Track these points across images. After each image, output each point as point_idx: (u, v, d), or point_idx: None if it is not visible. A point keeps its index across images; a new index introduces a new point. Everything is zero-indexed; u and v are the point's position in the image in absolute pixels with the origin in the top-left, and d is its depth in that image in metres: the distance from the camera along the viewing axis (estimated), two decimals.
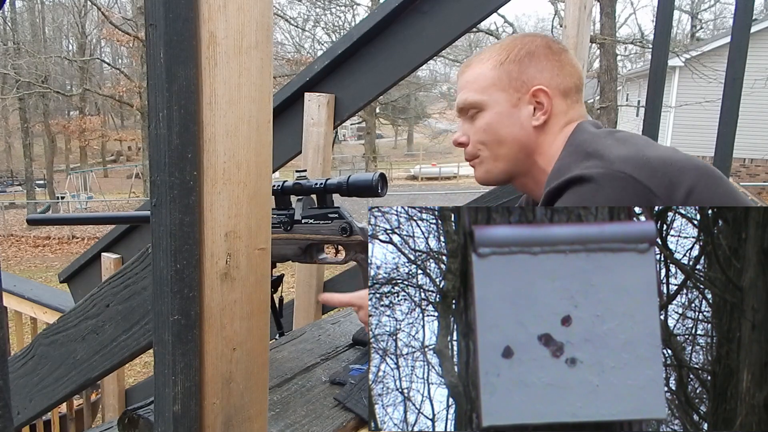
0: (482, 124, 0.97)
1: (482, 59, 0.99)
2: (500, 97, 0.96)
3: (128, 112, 29.81)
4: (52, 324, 1.13)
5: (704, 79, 10.91)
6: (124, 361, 0.99)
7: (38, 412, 1.18)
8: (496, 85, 0.96)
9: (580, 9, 1.85)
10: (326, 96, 2.19)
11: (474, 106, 0.97)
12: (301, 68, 5.10)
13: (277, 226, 1.05)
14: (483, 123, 0.97)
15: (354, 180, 0.97)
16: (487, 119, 0.96)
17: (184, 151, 0.45)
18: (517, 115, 0.95)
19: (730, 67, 1.76)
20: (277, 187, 1.04)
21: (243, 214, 0.49)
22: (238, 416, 0.52)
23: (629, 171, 0.76)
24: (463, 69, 1.03)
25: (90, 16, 24.38)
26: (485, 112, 0.96)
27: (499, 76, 0.96)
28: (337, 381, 0.90)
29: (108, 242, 2.84)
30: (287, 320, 2.38)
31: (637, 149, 0.81)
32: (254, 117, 0.48)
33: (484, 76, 0.97)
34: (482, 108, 0.96)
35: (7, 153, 28.09)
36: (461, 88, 1.00)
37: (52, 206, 18.12)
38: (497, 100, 0.96)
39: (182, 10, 0.44)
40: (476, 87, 0.98)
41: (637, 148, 0.81)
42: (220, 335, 0.49)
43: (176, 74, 0.44)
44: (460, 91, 1.00)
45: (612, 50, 11.52)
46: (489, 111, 0.96)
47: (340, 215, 1.01)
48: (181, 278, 0.46)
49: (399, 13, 2.02)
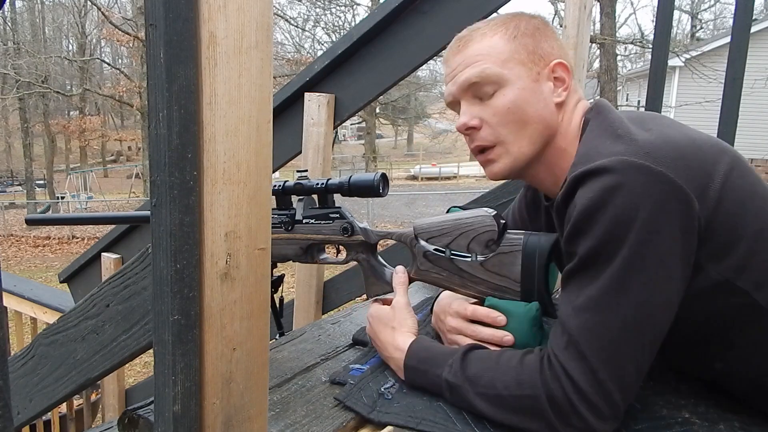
0: (505, 102, 0.85)
1: (485, 33, 0.88)
2: (521, 71, 0.85)
3: (128, 112, 29.82)
4: (52, 324, 1.13)
5: (704, 79, 10.91)
6: (124, 361, 0.99)
7: (38, 412, 1.18)
8: (515, 58, 0.85)
9: (580, 9, 1.84)
10: (326, 96, 2.19)
11: (493, 80, 0.85)
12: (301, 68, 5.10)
13: (278, 225, 1.05)
14: (506, 101, 0.85)
15: (356, 180, 0.97)
16: (510, 96, 0.85)
17: (184, 151, 0.45)
18: (540, 90, 0.86)
19: (730, 67, 1.76)
20: (278, 187, 1.04)
21: (243, 214, 0.49)
22: (238, 416, 0.52)
23: (661, 166, 0.69)
24: (461, 45, 0.90)
25: (90, 16, 24.39)
26: (507, 89, 0.85)
27: (516, 48, 0.86)
28: (337, 381, 0.89)
29: (108, 242, 2.84)
30: (287, 320, 2.38)
31: (665, 134, 0.74)
32: (254, 117, 0.48)
33: (499, 48, 0.86)
34: (503, 83, 0.85)
35: (7, 153, 28.08)
36: (468, 63, 0.87)
37: (52, 206, 18.12)
38: (519, 75, 0.85)
39: (182, 10, 0.44)
40: (493, 59, 0.86)
41: (664, 132, 0.75)
42: (220, 335, 0.49)
43: (176, 74, 0.44)
44: (467, 67, 0.87)
45: (612, 50, 11.53)
46: (512, 87, 0.85)
47: (342, 215, 1.01)
48: (181, 278, 0.46)
49: (399, 13, 2.02)
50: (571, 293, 0.74)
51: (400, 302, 0.94)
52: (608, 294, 0.70)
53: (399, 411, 0.79)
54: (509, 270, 0.88)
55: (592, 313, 0.71)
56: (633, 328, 0.71)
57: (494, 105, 0.86)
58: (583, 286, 0.73)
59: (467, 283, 0.92)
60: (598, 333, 0.71)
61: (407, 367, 0.86)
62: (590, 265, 0.72)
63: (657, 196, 0.68)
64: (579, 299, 0.73)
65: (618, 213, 0.68)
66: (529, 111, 0.85)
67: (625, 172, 0.69)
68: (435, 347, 0.86)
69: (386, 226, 12.01)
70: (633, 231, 0.68)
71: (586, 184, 0.72)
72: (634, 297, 0.70)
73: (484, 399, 0.76)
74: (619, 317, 0.70)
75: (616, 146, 0.73)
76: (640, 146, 0.71)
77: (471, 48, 0.87)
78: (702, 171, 0.71)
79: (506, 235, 0.89)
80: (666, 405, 0.81)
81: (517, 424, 0.74)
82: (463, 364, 0.80)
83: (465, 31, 0.91)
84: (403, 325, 0.91)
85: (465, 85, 0.87)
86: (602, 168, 0.70)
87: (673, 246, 0.70)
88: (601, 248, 0.70)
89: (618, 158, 0.70)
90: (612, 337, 0.70)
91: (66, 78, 27.08)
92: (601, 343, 0.70)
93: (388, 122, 27.65)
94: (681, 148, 0.72)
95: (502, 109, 0.85)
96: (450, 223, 0.91)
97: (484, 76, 0.85)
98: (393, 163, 27.77)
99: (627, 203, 0.68)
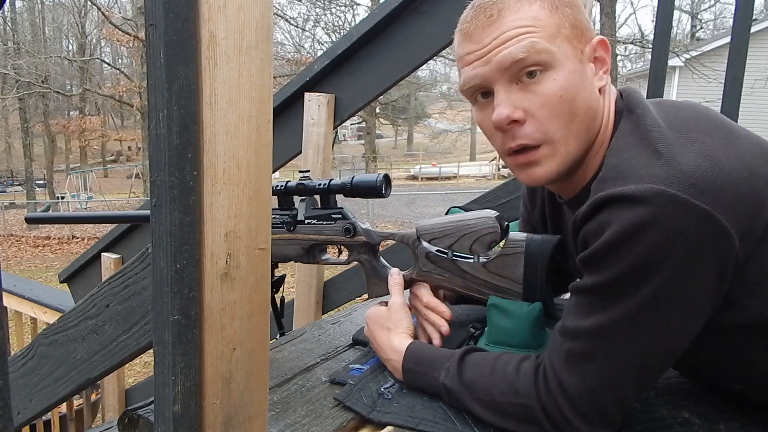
0: (556, 89, 0.69)
1: (522, 1, 0.70)
2: (568, 49, 0.70)
3: (128, 112, 29.83)
4: (52, 324, 1.13)
5: (704, 79, 10.91)
6: (124, 361, 0.99)
7: (38, 412, 1.18)
8: (561, 33, 0.69)
9: None
10: (326, 96, 2.19)
11: (543, 59, 0.68)
12: (301, 68, 5.11)
13: (279, 226, 1.04)
14: (557, 87, 0.69)
15: (358, 181, 0.97)
16: (561, 81, 0.69)
17: (184, 151, 0.45)
18: (585, 74, 0.71)
19: (730, 67, 1.76)
20: (281, 187, 1.04)
21: (243, 214, 0.49)
22: (238, 416, 0.52)
23: (706, 201, 0.58)
24: (494, 15, 0.70)
25: (90, 16, 24.40)
26: (557, 71, 0.69)
27: (560, 20, 0.70)
28: (337, 381, 0.89)
29: (108, 242, 2.84)
30: (287, 320, 2.38)
31: (714, 154, 0.61)
32: (254, 117, 0.48)
33: (543, 19, 0.69)
34: (553, 64, 0.69)
35: (7, 153, 28.10)
36: (509, 36, 0.69)
37: (52, 206, 18.11)
38: (567, 55, 0.69)
39: (182, 10, 0.44)
40: (540, 32, 0.68)
41: (712, 151, 0.61)
42: (220, 335, 0.49)
43: (176, 74, 0.44)
44: (509, 40, 0.69)
45: (612, 50, 11.52)
46: (562, 68, 0.69)
47: (344, 216, 1.01)
48: (181, 278, 0.46)
49: (399, 13, 2.02)
50: (579, 311, 0.68)
51: (396, 303, 0.94)
52: (620, 326, 0.65)
53: (399, 411, 0.79)
54: (512, 271, 0.88)
55: (599, 339, 0.66)
56: (640, 360, 0.66)
57: (542, 92, 0.69)
58: (593, 309, 0.67)
59: (470, 285, 0.92)
60: (602, 359, 0.67)
61: (405, 370, 0.85)
62: (605, 293, 0.65)
63: (696, 237, 0.58)
64: (587, 321, 0.67)
65: (648, 252, 0.59)
66: (579, 100, 0.70)
67: (664, 206, 0.58)
68: (432, 350, 0.86)
69: (386, 226, 12.01)
70: (660, 274, 0.60)
71: (615, 210, 0.61)
72: (647, 335, 0.64)
73: (480, 404, 0.75)
74: (627, 349, 0.66)
75: (654, 167, 0.61)
76: (684, 173, 0.59)
77: (509, 18, 0.69)
78: (750, 205, 0.60)
79: (509, 236, 0.89)
80: (666, 405, 0.81)
81: (513, 429, 0.73)
82: (460, 369, 0.79)
83: (488, 0, 0.73)
84: (399, 326, 0.91)
85: (507, 62, 0.69)
86: (637, 197, 0.59)
87: (702, 290, 0.62)
88: (621, 283, 0.63)
89: (657, 189, 0.58)
90: (616, 365, 0.66)
91: (66, 78, 27.09)
92: (603, 368, 0.67)
93: (388, 122, 27.64)
94: (731, 176, 0.60)
95: (554, 98, 0.69)
96: (452, 225, 0.91)
97: (534, 51, 0.68)
98: (393, 163, 27.78)
99: (660, 244, 0.59)
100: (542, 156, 0.72)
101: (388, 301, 0.96)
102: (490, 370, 0.76)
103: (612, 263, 0.62)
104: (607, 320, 0.65)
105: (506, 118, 0.71)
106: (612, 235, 0.61)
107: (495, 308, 0.90)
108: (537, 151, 0.72)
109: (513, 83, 0.71)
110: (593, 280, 0.66)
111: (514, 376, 0.74)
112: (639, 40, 13.58)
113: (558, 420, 0.69)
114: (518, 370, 0.74)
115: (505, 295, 0.89)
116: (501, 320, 0.89)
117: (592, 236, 0.64)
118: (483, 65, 0.72)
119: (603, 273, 0.64)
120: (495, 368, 0.76)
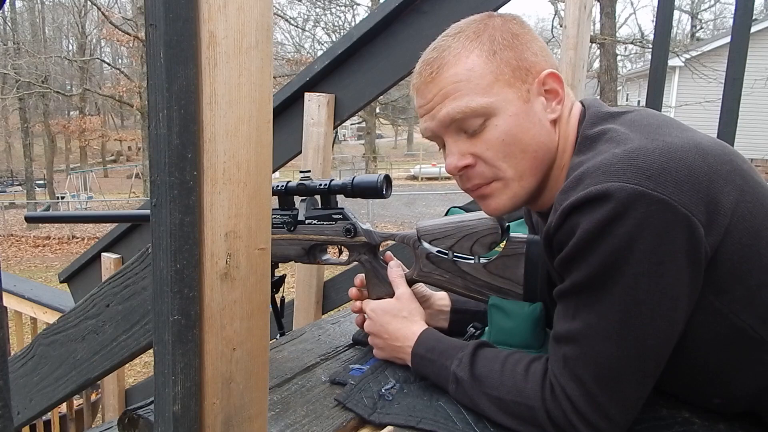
0: (498, 134, 0.75)
1: (458, 54, 0.75)
2: (510, 94, 0.75)
3: (128, 112, 29.83)
4: (52, 324, 1.13)
5: (704, 79, 10.91)
6: (124, 361, 0.99)
7: (38, 412, 1.18)
8: (500, 80, 0.74)
9: (580, 9, 1.85)
10: (326, 96, 2.19)
11: (480, 113, 0.74)
12: (301, 68, 5.11)
13: (280, 226, 1.04)
14: (499, 133, 0.75)
15: (359, 181, 0.97)
16: (503, 127, 0.74)
17: (184, 151, 0.45)
18: (532, 111, 0.76)
19: (730, 67, 1.76)
20: (281, 187, 1.04)
21: (243, 214, 0.49)
22: (238, 416, 0.52)
23: (664, 192, 0.62)
24: (433, 72, 0.76)
25: (90, 16, 24.40)
26: (497, 118, 0.74)
27: (498, 67, 0.75)
28: (337, 381, 0.89)
29: (108, 242, 2.84)
30: (287, 320, 2.38)
31: (670, 148, 0.65)
32: (254, 117, 0.48)
33: (479, 71, 0.74)
34: (491, 114, 0.74)
35: (7, 153, 28.09)
36: (446, 94, 0.76)
37: (52, 206, 18.11)
38: (508, 99, 0.75)
39: (182, 10, 0.44)
40: (475, 87, 0.74)
41: (669, 145, 0.66)
42: (220, 335, 0.49)
43: (176, 74, 0.44)
44: (446, 99, 0.76)
45: (612, 50, 11.52)
46: (502, 115, 0.74)
47: (344, 216, 1.01)
48: (181, 278, 0.46)
49: (399, 13, 2.02)
50: (566, 314, 0.71)
51: (405, 293, 0.95)
52: (607, 321, 0.67)
53: (399, 411, 0.79)
54: (512, 272, 0.88)
55: (590, 339, 0.68)
56: (634, 357, 0.67)
57: (486, 138, 0.75)
58: (579, 310, 0.69)
59: (470, 285, 0.92)
60: (595, 360, 0.68)
61: (415, 355, 0.86)
62: (586, 291, 0.68)
63: (660, 224, 0.62)
64: (575, 323, 0.69)
65: (618, 243, 0.63)
66: (525, 139, 0.75)
67: (624, 200, 0.62)
68: (445, 338, 0.87)
69: (386, 226, 12.00)
70: (633, 261, 0.63)
71: (583, 212, 0.65)
72: (635, 328, 0.66)
73: (487, 399, 0.76)
74: (619, 346, 0.67)
75: (613, 165, 0.65)
76: (640, 168, 0.63)
77: (446, 74, 0.75)
78: (710, 194, 0.64)
79: (509, 237, 0.89)
80: (666, 405, 0.81)
81: (515, 428, 0.74)
82: (472, 360, 0.80)
83: (433, 52, 0.78)
84: (415, 314, 0.92)
85: (446, 121, 0.76)
86: (600, 196, 0.63)
87: (680, 275, 0.65)
88: (598, 276, 0.66)
89: (617, 185, 0.63)
90: (611, 366, 0.67)
91: (66, 78, 27.09)
92: (598, 370, 0.68)
93: (388, 122, 27.64)
94: (688, 168, 0.64)
95: (497, 143, 0.75)
96: (453, 226, 0.91)
97: (468, 111, 0.74)
98: (393, 163, 27.77)
99: (628, 233, 0.62)
100: (495, 189, 0.79)
101: (394, 293, 0.96)
102: (501, 367, 0.77)
103: (586, 259, 0.66)
104: (593, 317, 0.68)
105: (455, 168, 0.78)
106: (582, 234, 0.65)
107: (496, 308, 0.90)
108: (489, 186, 0.79)
109: (460, 133, 0.77)
110: (572, 280, 0.69)
111: (523, 376, 0.75)
112: (639, 40, 13.57)
113: (563, 425, 0.70)
114: (528, 371, 0.75)
115: (506, 296, 0.89)
116: (502, 320, 0.89)
117: (566, 240, 0.68)
118: (430, 120, 0.79)
119: (581, 270, 0.67)
120: (505, 366, 0.77)
